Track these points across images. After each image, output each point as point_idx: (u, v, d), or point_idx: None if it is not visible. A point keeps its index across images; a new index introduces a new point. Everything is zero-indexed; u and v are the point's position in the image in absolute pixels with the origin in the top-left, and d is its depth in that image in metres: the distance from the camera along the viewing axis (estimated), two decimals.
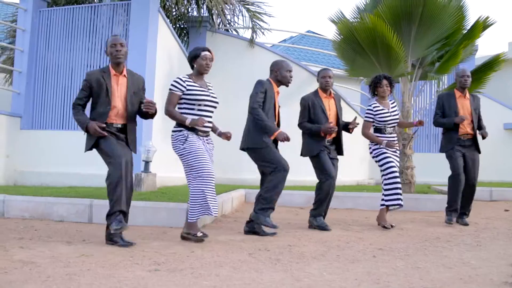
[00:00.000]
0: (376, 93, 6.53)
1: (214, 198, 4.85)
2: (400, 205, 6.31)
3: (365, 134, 6.48)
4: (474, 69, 9.95)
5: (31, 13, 9.33)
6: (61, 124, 9.13)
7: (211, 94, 5.03)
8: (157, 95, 8.51)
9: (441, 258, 4.48)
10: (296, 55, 17.57)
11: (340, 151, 6.24)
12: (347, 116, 10.40)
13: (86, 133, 4.67)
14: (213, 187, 4.84)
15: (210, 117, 5.04)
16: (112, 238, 4.59)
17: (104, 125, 4.58)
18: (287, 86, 5.70)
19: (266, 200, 5.39)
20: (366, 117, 6.52)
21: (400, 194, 6.28)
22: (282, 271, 3.84)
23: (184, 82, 4.92)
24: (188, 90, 4.89)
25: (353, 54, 9.56)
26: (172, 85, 4.94)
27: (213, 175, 4.83)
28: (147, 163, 7.51)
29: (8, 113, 8.98)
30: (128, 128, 4.75)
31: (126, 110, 4.71)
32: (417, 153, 11.33)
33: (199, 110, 4.91)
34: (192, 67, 5.10)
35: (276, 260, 4.24)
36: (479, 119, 6.83)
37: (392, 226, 6.26)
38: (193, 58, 5.05)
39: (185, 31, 12.01)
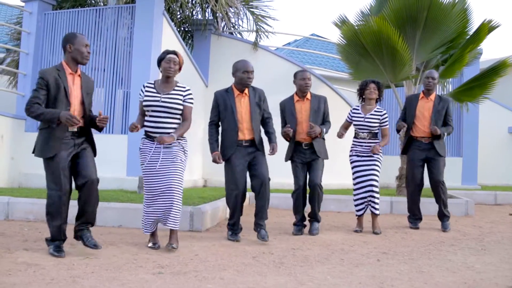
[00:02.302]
0: (363, 97, 6.43)
1: (148, 216, 4.83)
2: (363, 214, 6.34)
3: (338, 132, 6.38)
4: (479, 74, 9.92)
5: (36, 16, 9.36)
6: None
7: (166, 99, 4.80)
8: (139, 95, 8.51)
9: (445, 262, 4.47)
10: (300, 59, 17.55)
11: (316, 153, 5.95)
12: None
13: (55, 125, 4.32)
14: (149, 204, 4.80)
15: (167, 122, 4.81)
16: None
17: (79, 119, 4.28)
18: (247, 87, 5.48)
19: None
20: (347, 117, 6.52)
21: (364, 203, 6.23)
22: (286, 274, 3.84)
23: (144, 88, 4.91)
24: (145, 96, 4.86)
25: (358, 57, 9.55)
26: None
27: (151, 192, 4.76)
28: None
29: (12, 116, 8.99)
30: (84, 131, 4.52)
31: (83, 112, 4.49)
32: None
33: (150, 116, 4.82)
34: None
35: (280, 263, 4.24)
36: (446, 120, 6.69)
37: (360, 231, 6.25)
38: (159, 62, 4.96)
39: (189, 34, 12.03)
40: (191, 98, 4.91)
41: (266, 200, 5.39)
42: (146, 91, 4.87)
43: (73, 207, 4.60)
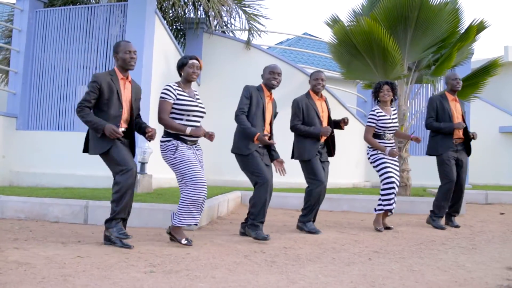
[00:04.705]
0: (378, 98, 6.51)
1: (202, 208, 4.91)
2: (392, 210, 6.38)
3: (367, 139, 6.39)
4: (470, 73, 9.98)
5: (27, 14, 9.32)
6: (57, 125, 9.12)
7: (199, 104, 5.03)
8: (153, 97, 8.51)
9: (436, 261, 4.49)
10: (293, 58, 17.58)
11: (331, 153, 6.15)
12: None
13: (99, 136, 4.58)
14: (205, 195, 4.84)
15: (199, 126, 5.00)
16: (110, 239, 4.62)
17: (122, 129, 4.66)
18: (272, 88, 5.59)
19: (253, 215, 5.36)
20: (368, 122, 6.42)
21: (393, 200, 6.31)
22: (278, 273, 3.84)
23: (174, 90, 4.92)
24: (178, 99, 4.90)
25: (349, 57, 9.56)
26: (163, 93, 4.92)
27: (205, 183, 4.83)
28: (143, 164, 7.51)
29: (3, 114, 8.95)
30: (130, 132, 4.83)
31: (131, 115, 4.80)
32: (413, 156, 11.35)
33: (187, 120, 4.92)
34: (180, 75, 5.10)
35: (272, 262, 4.24)
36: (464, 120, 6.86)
37: (388, 228, 6.33)
38: (180, 67, 5.06)
39: (181, 33, 12.02)
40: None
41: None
42: (179, 94, 4.94)
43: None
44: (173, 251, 4.51)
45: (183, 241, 4.80)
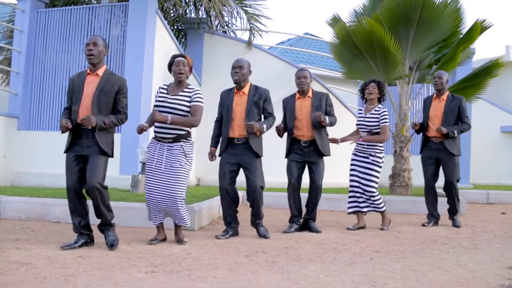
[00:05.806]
0: (365, 97, 6.50)
1: (165, 211, 4.94)
2: (355, 212, 6.41)
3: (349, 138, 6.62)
4: (471, 74, 9.95)
5: (28, 14, 9.31)
6: (58, 125, 9.10)
7: (172, 100, 4.94)
8: (154, 97, 8.51)
9: (437, 260, 4.49)
10: (294, 57, 17.56)
11: (320, 152, 5.99)
12: (344, 118, 10.43)
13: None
14: (151, 200, 4.89)
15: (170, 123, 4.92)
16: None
17: (68, 122, 4.54)
18: (236, 83, 5.56)
19: None
20: None
21: (355, 202, 6.38)
22: (279, 273, 3.84)
23: (159, 90, 5.11)
24: (157, 98, 5.06)
25: (350, 56, 9.55)
26: None
27: (149, 189, 4.89)
28: (144, 164, 7.49)
29: (5, 114, 8.95)
30: (97, 129, 4.56)
31: (92, 109, 4.55)
32: (414, 156, 11.31)
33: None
34: None
35: (273, 262, 4.24)
36: (460, 118, 6.72)
37: (382, 229, 6.35)
38: (169, 67, 5.14)
39: (183, 33, 12.01)
40: (199, 97, 5.02)
41: (257, 207, 5.58)
42: (160, 92, 5.07)
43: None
44: (174, 251, 4.51)
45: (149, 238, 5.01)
